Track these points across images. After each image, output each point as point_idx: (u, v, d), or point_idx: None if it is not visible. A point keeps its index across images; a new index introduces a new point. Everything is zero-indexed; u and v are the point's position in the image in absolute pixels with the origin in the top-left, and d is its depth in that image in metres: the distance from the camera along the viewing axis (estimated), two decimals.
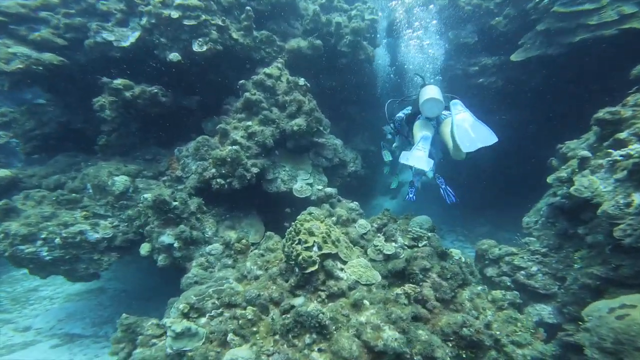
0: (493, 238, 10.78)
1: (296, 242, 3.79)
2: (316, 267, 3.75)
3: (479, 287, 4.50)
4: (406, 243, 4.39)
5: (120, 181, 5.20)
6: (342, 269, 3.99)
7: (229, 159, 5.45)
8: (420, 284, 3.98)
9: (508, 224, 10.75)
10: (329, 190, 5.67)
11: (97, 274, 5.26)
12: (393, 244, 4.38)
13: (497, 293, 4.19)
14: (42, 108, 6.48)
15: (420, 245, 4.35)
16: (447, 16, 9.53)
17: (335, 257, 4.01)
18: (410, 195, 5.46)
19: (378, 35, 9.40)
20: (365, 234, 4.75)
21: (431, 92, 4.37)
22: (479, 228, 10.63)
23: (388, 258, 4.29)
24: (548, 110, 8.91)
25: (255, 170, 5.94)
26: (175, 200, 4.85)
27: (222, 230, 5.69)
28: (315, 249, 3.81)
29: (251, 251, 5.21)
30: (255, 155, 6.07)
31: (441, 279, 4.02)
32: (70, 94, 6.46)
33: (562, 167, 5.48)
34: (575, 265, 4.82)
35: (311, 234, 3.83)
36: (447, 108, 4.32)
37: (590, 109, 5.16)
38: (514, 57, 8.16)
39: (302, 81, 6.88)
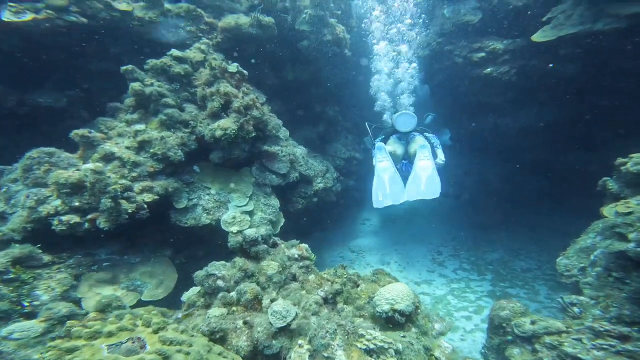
0: (507, 267, 8.25)
1: None
2: None
3: None
4: None
5: None
6: None
7: (87, 184, 3.23)
8: None
9: (525, 250, 8.24)
10: (250, 232, 3.40)
11: None
12: None
13: None
14: None
15: None
16: None
17: None
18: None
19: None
20: (284, 327, 2.43)
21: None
22: (489, 254, 8.12)
23: None
24: (582, 109, 6.41)
25: (148, 197, 3.72)
26: None
27: (85, 288, 3.46)
28: None
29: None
30: (150, 175, 3.84)
31: None
32: None
33: (637, 197, 3.04)
34: None
35: None
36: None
37: None
38: (537, 37, 5.66)
39: (233, 67, 4.65)
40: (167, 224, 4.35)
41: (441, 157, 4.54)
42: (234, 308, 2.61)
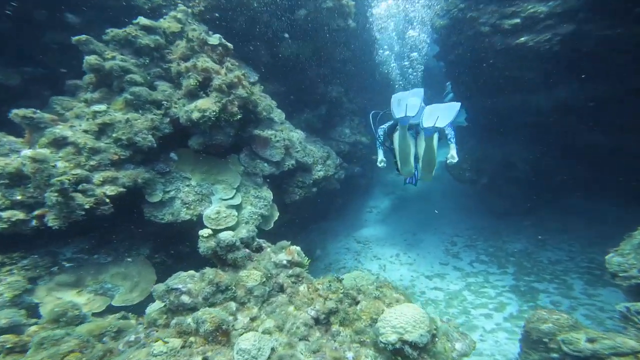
0: (532, 259, 7.14)
1: None
2: None
3: None
4: None
5: None
6: None
7: (28, 174, 2.60)
8: None
9: (553, 239, 7.22)
10: (225, 236, 2.69)
11: None
12: None
13: None
14: None
15: None
16: None
17: None
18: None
19: None
20: None
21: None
22: (511, 244, 7.20)
23: None
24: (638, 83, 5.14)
25: (112, 190, 3.08)
26: None
27: (43, 292, 2.92)
28: None
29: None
30: (114, 163, 3.18)
31: None
32: None
33: None
34: None
35: None
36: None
37: None
38: None
39: (215, 39, 3.85)
40: (144, 219, 3.75)
41: (453, 153, 3.64)
42: (192, 339, 1.95)
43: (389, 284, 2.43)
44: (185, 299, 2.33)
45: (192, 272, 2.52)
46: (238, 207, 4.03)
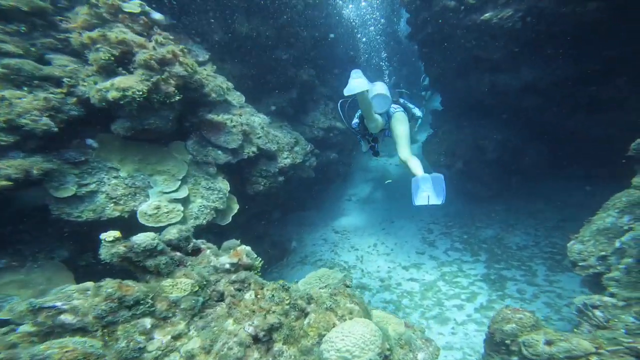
0: (502, 245, 6.96)
1: None
2: None
3: None
4: None
5: None
6: None
7: None
8: None
9: (521, 224, 7.13)
10: (141, 239, 2.11)
11: None
12: None
13: None
14: None
15: None
16: None
17: None
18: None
19: None
20: None
21: (378, 88, 3.67)
22: (483, 231, 7.05)
23: None
24: (598, 63, 4.92)
25: None
26: None
27: None
28: None
29: None
30: None
31: None
32: None
33: None
34: None
35: None
36: (395, 102, 3.92)
37: None
38: None
39: (134, 5, 3.18)
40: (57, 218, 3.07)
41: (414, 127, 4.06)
42: None
43: (344, 291, 1.98)
44: (67, 318, 1.75)
45: (87, 284, 1.95)
46: (185, 201, 3.44)
